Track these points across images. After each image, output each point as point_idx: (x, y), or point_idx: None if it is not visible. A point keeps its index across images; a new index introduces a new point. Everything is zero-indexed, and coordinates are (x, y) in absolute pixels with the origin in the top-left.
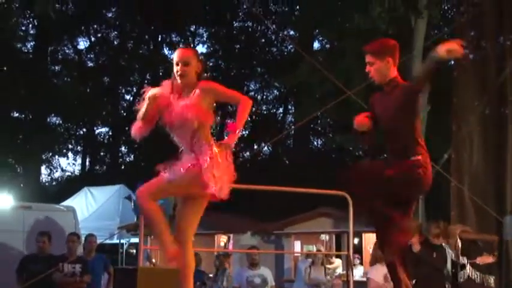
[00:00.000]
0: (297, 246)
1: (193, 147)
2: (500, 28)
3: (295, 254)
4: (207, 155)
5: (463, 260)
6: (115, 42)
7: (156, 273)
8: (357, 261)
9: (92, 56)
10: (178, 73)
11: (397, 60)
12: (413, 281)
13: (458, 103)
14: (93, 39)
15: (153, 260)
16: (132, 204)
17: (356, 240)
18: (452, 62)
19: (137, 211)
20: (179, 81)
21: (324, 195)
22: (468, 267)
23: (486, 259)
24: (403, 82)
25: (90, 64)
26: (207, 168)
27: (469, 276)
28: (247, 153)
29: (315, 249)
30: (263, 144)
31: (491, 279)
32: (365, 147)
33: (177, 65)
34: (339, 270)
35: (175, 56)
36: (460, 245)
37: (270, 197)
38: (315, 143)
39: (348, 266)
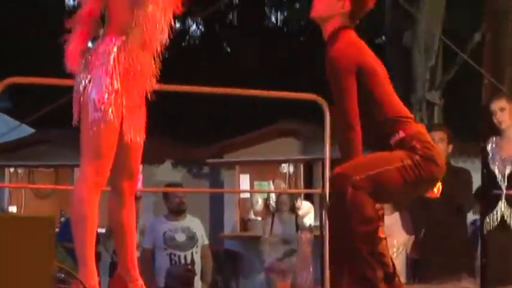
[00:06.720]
0: (245, 182)
1: None
2: None
3: (242, 196)
4: None
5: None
6: None
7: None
8: None
9: None
10: None
11: (357, 15)
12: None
13: None
14: None
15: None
16: None
17: None
18: None
19: None
20: None
21: (287, 102)
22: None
23: None
24: (345, 42)
25: None
26: None
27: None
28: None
29: (272, 187)
30: (190, 21)
31: None
32: None
33: None
34: (309, 220)
35: None
36: None
37: (202, 105)
38: (272, 17)
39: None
